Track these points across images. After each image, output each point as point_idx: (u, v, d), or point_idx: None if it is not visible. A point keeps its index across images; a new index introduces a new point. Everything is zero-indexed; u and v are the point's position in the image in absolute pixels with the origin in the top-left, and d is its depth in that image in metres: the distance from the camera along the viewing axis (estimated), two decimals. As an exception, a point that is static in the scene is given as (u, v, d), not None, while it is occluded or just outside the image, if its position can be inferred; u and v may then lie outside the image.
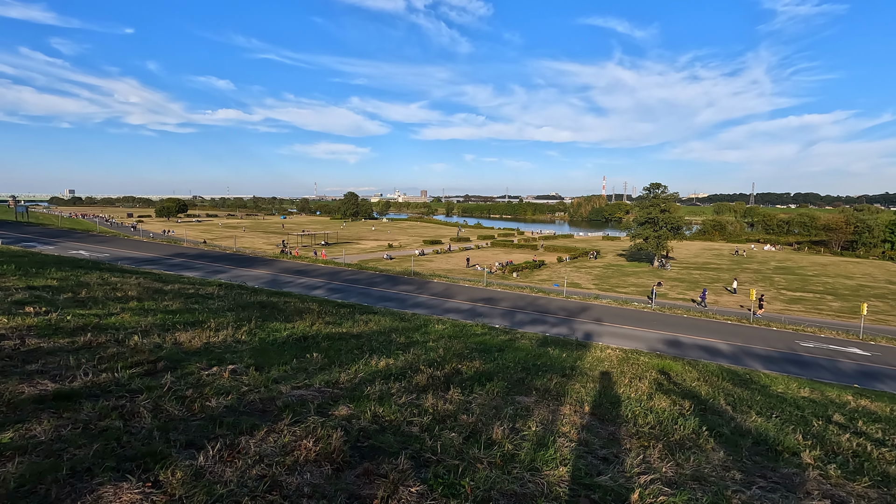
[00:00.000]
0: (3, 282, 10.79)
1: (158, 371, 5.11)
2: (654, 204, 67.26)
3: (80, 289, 11.00)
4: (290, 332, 8.43)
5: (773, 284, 55.00)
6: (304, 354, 6.79)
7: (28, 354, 5.22)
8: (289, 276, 33.77)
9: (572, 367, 8.96)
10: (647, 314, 28.72)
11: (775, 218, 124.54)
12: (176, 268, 31.79)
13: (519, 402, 5.64)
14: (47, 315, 7.51)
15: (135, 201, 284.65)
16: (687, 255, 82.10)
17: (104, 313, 8.40)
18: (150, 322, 7.91)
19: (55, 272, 13.93)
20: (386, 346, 8.54)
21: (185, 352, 6.15)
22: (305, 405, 4.43)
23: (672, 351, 18.95)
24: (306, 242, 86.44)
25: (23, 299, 8.71)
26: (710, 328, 25.85)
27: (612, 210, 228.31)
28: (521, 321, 23.41)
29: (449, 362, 7.11)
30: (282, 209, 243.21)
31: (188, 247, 54.83)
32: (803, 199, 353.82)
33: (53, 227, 67.96)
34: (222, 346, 6.71)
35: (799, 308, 42.92)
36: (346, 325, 10.67)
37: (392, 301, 26.28)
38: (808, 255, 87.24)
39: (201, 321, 8.57)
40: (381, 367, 6.46)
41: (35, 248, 34.14)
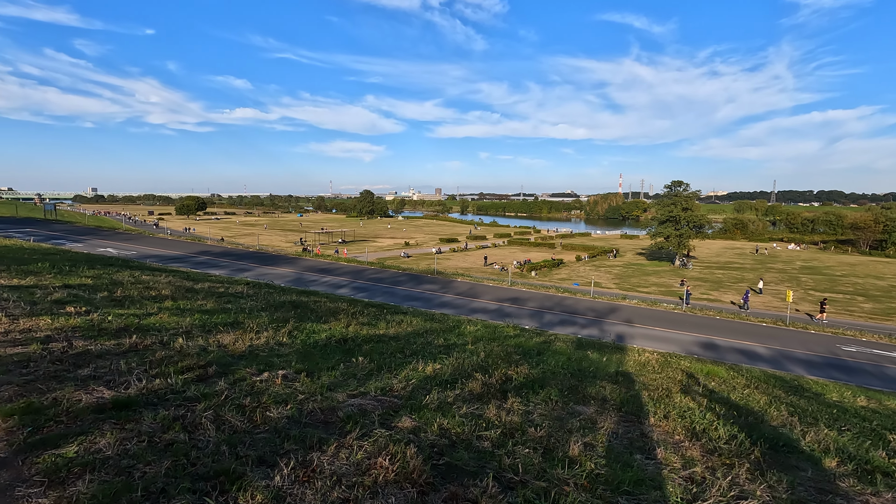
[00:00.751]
0: (41, 280, 10.84)
1: (210, 377, 4.94)
2: (675, 202, 66.01)
3: (114, 287, 10.99)
4: (328, 334, 8.25)
5: (799, 284, 53.59)
6: (349, 358, 6.59)
7: (77, 358, 5.10)
8: (313, 275, 33.82)
9: (619, 373, 8.63)
10: (678, 315, 28.01)
11: (799, 216, 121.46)
12: (202, 266, 32.08)
13: (580, 413, 5.36)
14: (88, 315, 7.45)
15: (155, 199, 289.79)
16: (708, 255, 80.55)
17: (142, 313, 8.33)
18: (189, 323, 7.80)
19: (88, 270, 14.01)
20: (426, 349, 8.32)
21: (232, 355, 5.99)
22: (367, 416, 4.21)
23: (708, 354, 18.38)
24: (324, 240, 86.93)
25: (62, 298, 8.69)
26: (745, 331, 25.14)
27: (629, 208, 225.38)
28: (550, 322, 23.01)
29: (497, 368, 6.85)
30: (298, 207, 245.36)
31: (212, 245, 55.50)
32: (827, 196, 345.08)
33: (80, 224, 69.38)
34: (266, 350, 6.55)
35: (829, 310, 41.66)
36: (381, 326, 10.48)
37: (418, 300, 26.10)
38: (834, 254, 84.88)
39: (239, 322, 8.44)
40: (429, 373, 6.23)
41: (64, 245, 34.77)
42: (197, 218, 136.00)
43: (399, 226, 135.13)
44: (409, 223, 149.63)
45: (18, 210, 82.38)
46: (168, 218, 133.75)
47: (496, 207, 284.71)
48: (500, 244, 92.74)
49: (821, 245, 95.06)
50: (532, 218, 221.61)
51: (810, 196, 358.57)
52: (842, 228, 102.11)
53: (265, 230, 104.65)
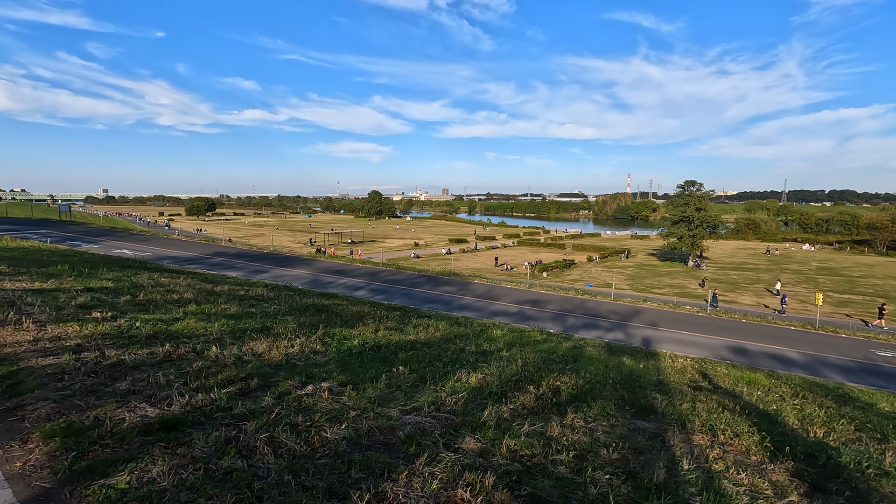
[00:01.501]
0: (62, 283, 10.64)
1: (252, 390, 4.65)
2: (688, 202, 65.21)
3: (136, 291, 10.77)
4: (360, 340, 7.95)
5: (817, 286, 52.66)
6: (388, 368, 6.29)
7: (112, 369, 4.83)
8: (329, 277, 33.56)
9: (661, 382, 8.26)
10: (703, 319, 27.32)
11: (813, 216, 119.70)
12: (217, 267, 31.92)
13: (643, 429, 5.01)
14: (115, 321, 7.21)
15: (165, 200, 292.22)
16: (721, 255, 79.57)
17: (169, 318, 8.08)
18: (218, 329, 7.54)
19: (107, 273, 13.84)
20: (461, 356, 7.99)
21: (269, 365, 5.70)
22: (428, 436, 3.89)
23: (740, 359, 17.84)
24: (334, 241, 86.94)
25: (86, 303, 8.47)
26: (774, 334, 24.38)
27: (638, 208, 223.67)
28: (573, 325, 22.55)
29: (544, 378, 6.51)
30: (306, 207, 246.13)
31: (226, 246, 55.48)
32: (839, 196, 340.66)
33: (95, 226, 69.77)
34: (303, 359, 6.26)
35: (849, 311, 40.85)
36: (409, 331, 10.17)
37: (437, 303, 25.74)
38: (850, 255, 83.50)
39: (269, 327, 8.17)
40: (474, 384, 5.90)
41: (80, 246, 34.79)
42: (205, 219, 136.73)
43: (407, 226, 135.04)
44: (418, 224, 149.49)
45: (34, 211, 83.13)
46: (178, 219, 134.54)
47: (504, 208, 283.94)
48: (509, 245, 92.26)
49: (836, 245, 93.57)
50: (540, 218, 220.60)
51: (822, 196, 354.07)
52: (857, 228, 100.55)
53: (276, 230, 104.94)
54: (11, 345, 5.34)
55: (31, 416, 3.59)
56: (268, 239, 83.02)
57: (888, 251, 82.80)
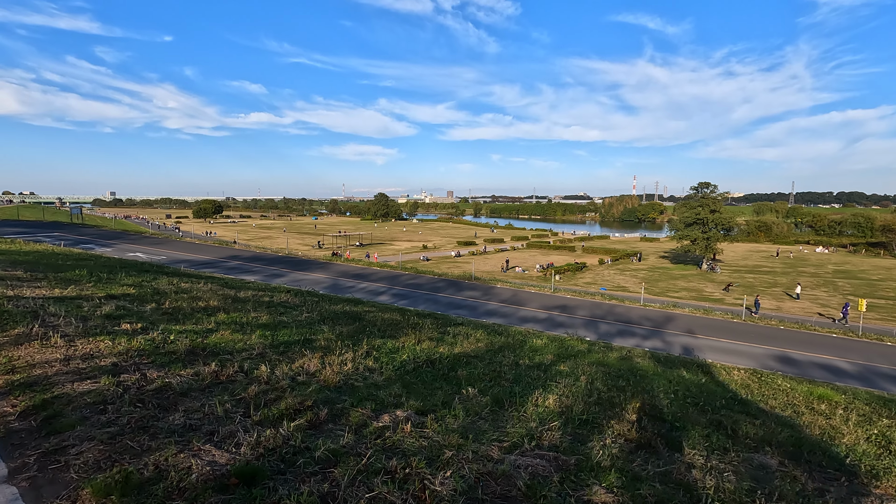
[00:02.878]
0: (82, 290, 10.06)
1: (323, 422, 4.00)
2: (702, 204, 64.29)
3: (160, 298, 10.18)
4: (410, 354, 7.29)
5: (837, 289, 51.63)
6: (454, 388, 5.63)
7: (159, 396, 4.19)
8: (349, 281, 32.81)
9: (737, 400, 7.56)
10: (740, 325, 26.24)
11: (825, 218, 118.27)
12: (234, 271, 31.29)
13: (766, 466, 4.32)
14: (147, 333, 6.59)
15: (171, 203, 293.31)
16: (734, 258, 78.50)
17: (202, 329, 7.46)
18: (256, 342, 6.90)
19: (126, 278, 13.27)
20: (519, 371, 7.32)
21: (329, 388, 5.05)
22: (548, 485, 3.22)
23: (789, 369, 16.97)
24: (342, 243, 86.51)
25: (112, 312, 7.86)
26: (817, 342, 23.66)
27: (645, 210, 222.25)
28: (608, 332, 21.67)
29: (620, 398, 5.83)
30: (312, 210, 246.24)
31: (240, 249, 54.97)
32: (847, 198, 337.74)
33: (107, 229, 69.45)
34: (360, 378, 5.60)
35: (874, 316, 39.83)
36: (449, 341, 9.51)
37: (463, 308, 24.91)
38: (866, 257, 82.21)
39: (309, 340, 7.54)
40: (554, 407, 5.23)
41: (94, 250, 34.32)
42: (211, 221, 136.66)
43: (414, 228, 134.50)
44: (424, 226, 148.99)
45: (45, 214, 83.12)
46: (185, 221, 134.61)
47: (509, 210, 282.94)
48: (518, 247, 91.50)
49: (850, 248, 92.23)
50: (546, 220, 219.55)
51: (830, 197, 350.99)
52: (871, 231, 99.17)
53: (284, 233, 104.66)
54: (41, 365, 4.72)
55: (77, 464, 2.95)
56: (276, 241, 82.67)
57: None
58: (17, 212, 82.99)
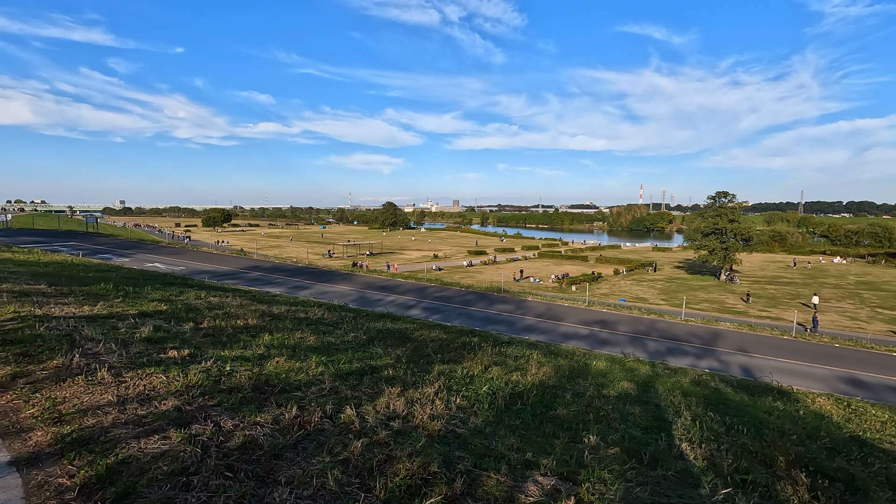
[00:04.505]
0: (112, 307, 9.29)
1: (460, 497, 3.13)
2: (720, 213, 63.21)
3: (194, 315, 9.39)
4: (490, 386, 6.41)
5: (863, 301, 50.27)
6: (571, 436, 4.77)
7: (248, 458, 3.35)
8: (375, 293, 32.03)
9: (861, 442, 6.63)
10: (792, 343, 24.68)
11: (842, 228, 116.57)
12: (256, 283, 30.45)
13: None
14: (198, 362, 5.78)
15: (180, 211, 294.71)
16: (751, 269, 77.11)
17: (253, 356, 6.65)
18: (319, 372, 6.08)
19: (153, 292, 12.52)
20: (609, 403, 6.43)
21: (435, 439, 4.19)
22: None
23: (864, 393, 15.79)
24: (352, 252, 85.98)
25: (151, 335, 7.07)
26: (881, 362, 22.14)
27: (654, 219, 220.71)
28: (657, 351, 20.53)
29: (767, 447, 4.93)
30: (319, 219, 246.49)
31: (259, 259, 54.25)
32: (857, 207, 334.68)
33: (123, 238, 69.02)
34: (460, 423, 4.74)
35: (912, 330, 38.50)
36: (512, 365, 8.62)
37: (500, 324, 23.83)
38: (886, 268, 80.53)
39: (374, 368, 6.69)
40: (701, 463, 4.34)
41: (112, 260, 33.67)
42: (218, 230, 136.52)
43: (423, 238, 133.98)
44: (433, 235, 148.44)
45: (61, 223, 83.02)
46: (195, 230, 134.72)
47: (516, 219, 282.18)
48: (530, 257, 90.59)
49: (869, 258, 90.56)
50: (554, 229, 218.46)
51: (840, 207, 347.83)
52: (889, 241, 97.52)
53: (292, 242, 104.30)
54: (93, 411, 3.90)
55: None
56: (286, 250, 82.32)
57: (926, 265, 79.78)
58: (32, 220, 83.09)
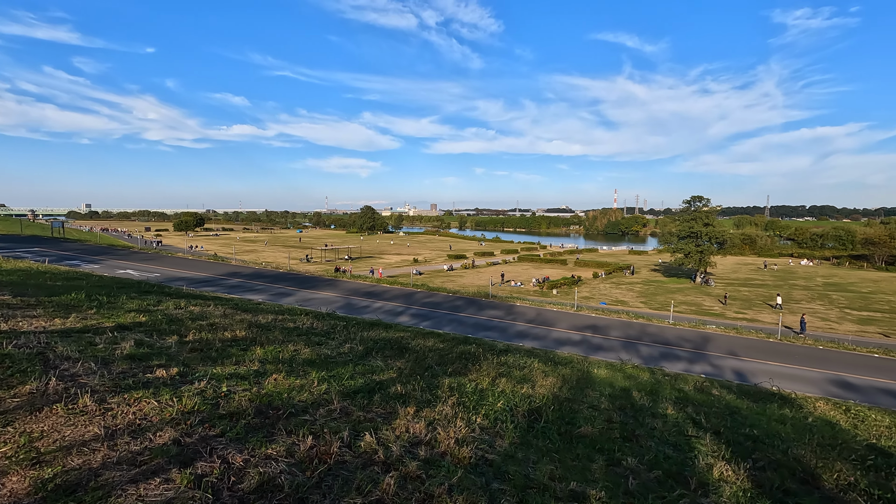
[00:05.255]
0: (86, 319, 8.59)
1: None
2: (695, 217, 64.60)
3: (178, 328, 8.77)
4: (505, 402, 6.04)
5: (832, 303, 51.96)
6: (607, 458, 4.44)
7: None
8: (362, 300, 31.09)
9: (884, 452, 6.50)
10: (780, 346, 24.90)
11: (807, 231, 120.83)
12: (237, 290, 29.22)
13: None
14: (189, 382, 5.26)
15: (150, 215, 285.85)
16: (724, 271, 79.00)
17: (248, 373, 6.14)
18: (323, 390, 5.61)
19: (128, 301, 11.76)
20: (626, 416, 6.14)
21: (467, 470, 3.79)
22: None
23: (855, 396, 15.96)
24: (330, 256, 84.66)
25: (134, 352, 6.48)
26: (866, 364, 22.44)
27: (628, 223, 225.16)
28: (651, 356, 20.38)
29: (813, 469, 4.69)
30: (295, 223, 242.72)
31: (238, 265, 52.49)
32: (819, 211, 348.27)
33: (92, 243, 65.82)
34: (487, 446, 4.35)
35: (874, 330, 39.90)
36: (518, 376, 8.28)
37: (492, 330, 23.32)
38: (851, 270, 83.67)
39: (381, 384, 6.26)
40: (743, 483, 4.07)
41: (81, 267, 31.93)
42: (190, 234, 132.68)
43: (401, 241, 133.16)
44: (412, 239, 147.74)
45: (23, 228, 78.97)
46: (166, 234, 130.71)
47: (494, 223, 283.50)
48: (510, 260, 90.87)
49: (834, 261, 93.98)
50: (531, 233, 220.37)
51: (803, 211, 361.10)
52: (852, 244, 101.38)
53: (269, 246, 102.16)
54: (77, 447, 3.37)
55: None
56: (262, 255, 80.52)
57: (887, 266, 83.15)
58: (-10, 225, 79.09)
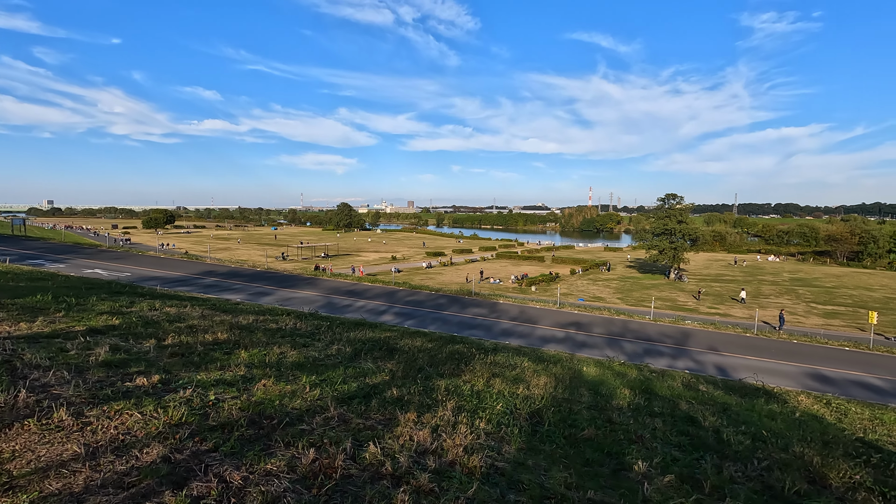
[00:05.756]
0: (55, 323, 8.07)
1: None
2: (669, 214, 65.96)
3: (155, 330, 8.32)
4: (504, 404, 5.88)
5: (799, 297, 53.79)
6: (616, 463, 4.32)
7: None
8: (343, 299, 30.52)
9: (863, 443, 6.60)
10: (757, 341, 25.34)
11: (774, 229, 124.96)
12: (213, 289, 28.12)
13: None
14: (173, 390, 4.93)
15: (117, 212, 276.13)
16: (696, 267, 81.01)
17: (234, 378, 5.82)
18: (316, 396, 5.34)
19: (99, 303, 11.16)
20: (626, 417, 6.06)
21: (482, 482, 3.60)
22: None
23: (831, 389, 16.38)
24: (307, 254, 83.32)
25: (110, 359, 6.07)
26: (841, 358, 23.09)
27: (603, 221, 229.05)
28: (635, 352, 20.53)
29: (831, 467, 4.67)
30: (270, 220, 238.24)
31: (213, 263, 50.76)
32: (784, 209, 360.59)
33: (56, 241, 62.64)
34: (496, 453, 4.17)
35: (839, 323, 41.47)
36: (511, 376, 8.15)
37: (477, 329, 23.04)
38: (815, 265, 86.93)
39: (376, 388, 6.01)
40: (757, 486, 4.00)
41: (45, 266, 30.29)
42: (160, 232, 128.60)
43: (379, 239, 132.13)
44: (389, 236, 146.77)
45: (-20, 226, 74.91)
46: (134, 232, 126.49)
47: (472, 220, 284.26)
48: (488, 257, 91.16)
49: (799, 257, 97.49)
50: (508, 230, 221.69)
51: (768, 209, 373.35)
52: (815, 240, 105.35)
53: (244, 244, 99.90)
54: (55, 469, 3.04)
55: None
56: (236, 253, 78.72)
57: (848, 262, 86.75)
58: (-59, 222, 74.88)
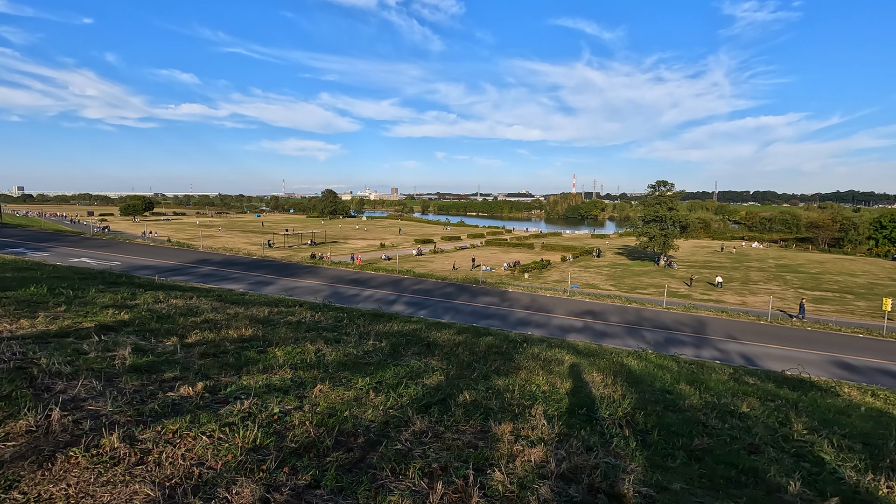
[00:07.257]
0: (59, 319, 7.20)
1: None
2: (660, 201, 66.20)
3: (172, 326, 7.52)
4: (587, 409, 5.31)
5: (787, 283, 54.64)
6: (750, 480, 3.77)
7: None
8: (349, 288, 29.96)
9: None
10: (774, 328, 25.30)
11: (757, 216, 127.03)
12: (211, 279, 26.88)
13: None
14: (226, 402, 4.20)
15: (92, 199, 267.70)
16: (684, 254, 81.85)
17: (283, 383, 5.12)
18: (380, 403, 4.69)
19: (98, 295, 10.24)
20: (709, 418, 5.55)
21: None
22: None
23: (858, 378, 16.33)
24: (293, 242, 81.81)
25: (139, 362, 5.30)
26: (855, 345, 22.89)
27: (588, 208, 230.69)
28: (658, 342, 20.08)
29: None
30: (252, 207, 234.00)
31: (206, 252, 49.15)
32: (762, 197, 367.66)
33: (35, 229, 59.83)
34: (619, 470, 3.58)
35: (829, 308, 42.14)
36: (559, 372, 7.60)
37: (493, 318, 22.41)
38: (798, 252, 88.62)
39: (439, 389, 5.37)
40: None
41: (27, 255, 28.68)
42: (136, 219, 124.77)
43: (365, 226, 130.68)
44: (375, 223, 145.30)
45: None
46: (112, 219, 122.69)
47: (457, 207, 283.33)
48: (477, 245, 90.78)
49: (781, 243, 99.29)
50: (493, 217, 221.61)
51: (747, 196, 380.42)
52: (797, 227, 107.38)
53: (227, 231, 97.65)
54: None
55: None
56: (222, 240, 76.76)
57: (829, 248, 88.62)
58: None
